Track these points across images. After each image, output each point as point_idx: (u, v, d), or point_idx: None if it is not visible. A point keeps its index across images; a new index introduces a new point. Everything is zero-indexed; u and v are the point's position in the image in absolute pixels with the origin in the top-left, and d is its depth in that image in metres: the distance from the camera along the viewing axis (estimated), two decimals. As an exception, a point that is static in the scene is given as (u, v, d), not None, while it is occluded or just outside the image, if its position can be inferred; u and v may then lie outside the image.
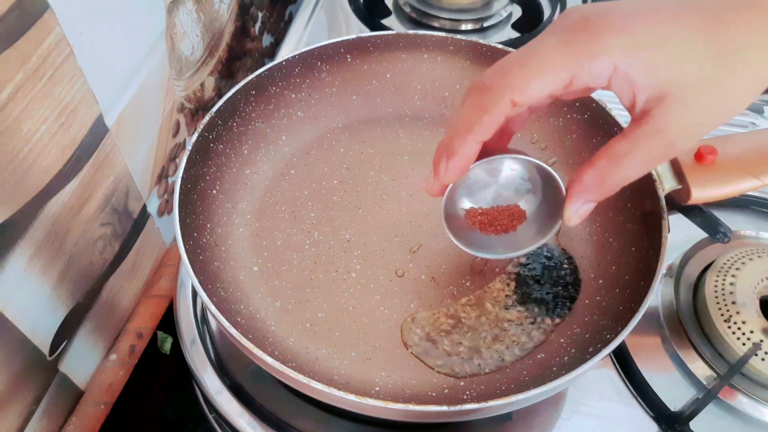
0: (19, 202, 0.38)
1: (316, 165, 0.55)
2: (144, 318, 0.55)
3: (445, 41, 0.57)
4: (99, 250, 0.48)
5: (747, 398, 0.46)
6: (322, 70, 0.56)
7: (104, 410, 0.49)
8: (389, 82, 0.58)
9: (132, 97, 0.48)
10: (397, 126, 0.58)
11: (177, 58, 0.55)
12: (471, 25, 0.78)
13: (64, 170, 0.42)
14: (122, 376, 0.51)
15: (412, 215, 0.51)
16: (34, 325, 0.42)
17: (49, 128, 0.39)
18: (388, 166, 0.55)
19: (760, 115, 0.68)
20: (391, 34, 0.57)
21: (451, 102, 0.58)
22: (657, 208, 0.44)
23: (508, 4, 0.80)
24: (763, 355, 0.45)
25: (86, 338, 0.49)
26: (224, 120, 0.50)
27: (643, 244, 0.45)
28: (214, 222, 0.48)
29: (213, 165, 0.49)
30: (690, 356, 0.48)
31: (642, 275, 0.42)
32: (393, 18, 0.80)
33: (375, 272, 0.48)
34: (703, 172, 0.46)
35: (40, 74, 0.37)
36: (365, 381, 0.42)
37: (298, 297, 0.46)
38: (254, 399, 0.46)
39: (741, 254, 0.50)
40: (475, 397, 0.39)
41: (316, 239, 0.50)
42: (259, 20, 0.74)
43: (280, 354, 0.42)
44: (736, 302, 0.47)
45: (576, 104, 0.53)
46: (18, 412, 0.42)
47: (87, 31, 0.41)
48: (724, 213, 0.54)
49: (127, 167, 0.49)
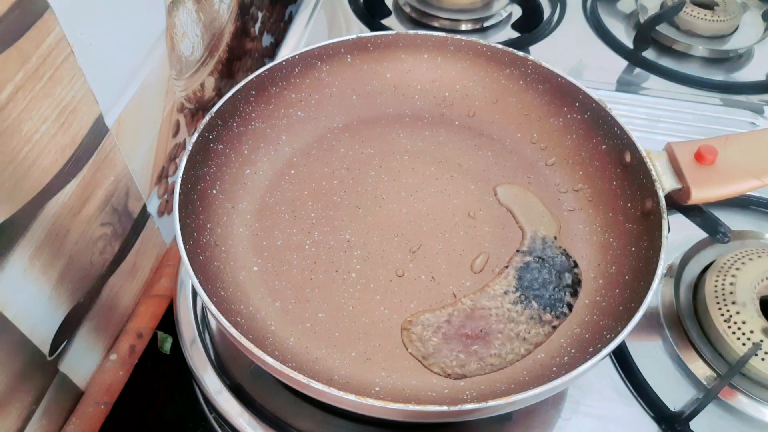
0: (19, 202, 0.38)
1: (316, 165, 0.55)
2: (144, 318, 0.55)
3: (445, 41, 0.57)
4: (99, 250, 0.48)
5: (747, 398, 0.46)
6: (322, 70, 0.56)
7: (104, 410, 0.49)
8: (389, 82, 0.58)
9: (132, 97, 0.48)
10: (397, 126, 0.58)
11: (177, 58, 0.55)
12: (471, 25, 0.78)
13: (64, 170, 0.42)
14: (122, 376, 0.51)
15: (412, 215, 0.51)
16: (34, 325, 0.42)
17: (49, 128, 0.39)
18: (388, 166, 0.55)
19: (760, 115, 0.69)
20: (391, 34, 0.57)
21: (451, 102, 0.58)
22: (657, 208, 0.44)
23: (508, 4, 0.80)
24: (763, 355, 0.45)
25: (86, 338, 0.49)
26: (224, 120, 0.50)
27: (643, 244, 0.45)
28: (214, 222, 0.48)
29: (213, 165, 0.49)
30: (690, 356, 0.48)
31: (642, 275, 0.43)
32: (393, 18, 0.80)
33: (375, 272, 0.48)
34: (703, 173, 0.46)
35: (40, 74, 0.37)
36: (365, 381, 0.42)
37: (298, 297, 0.46)
38: (254, 399, 0.46)
39: (741, 254, 0.50)
40: (475, 397, 0.39)
41: (316, 239, 0.50)
42: (259, 20, 0.74)
43: (280, 354, 0.42)
44: (736, 302, 0.47)
45: (576, 104, 0.53)
46: (18, 412, 0.42)
47: (87, 31, 0.41)
48: (724, 213, 0.54)
49: (127, 167, 0.49)
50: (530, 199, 0.53)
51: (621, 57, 0.75)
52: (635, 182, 0.47)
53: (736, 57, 0.76)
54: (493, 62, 0.56)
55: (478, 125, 0.58)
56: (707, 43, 0.75)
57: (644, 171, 0.46)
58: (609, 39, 0.77)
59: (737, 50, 0.76)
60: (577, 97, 0.52)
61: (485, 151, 0.56)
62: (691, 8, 0.76)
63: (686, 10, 0.76)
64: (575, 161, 0.53)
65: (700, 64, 0.75)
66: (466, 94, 0.58)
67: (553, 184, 0.54)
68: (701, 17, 0.75)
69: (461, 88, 0.58)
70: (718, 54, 0.75)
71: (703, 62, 0.75)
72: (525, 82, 0.56)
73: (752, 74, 0.74)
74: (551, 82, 0.54)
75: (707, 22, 0.75)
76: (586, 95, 0.51)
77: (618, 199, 0.49)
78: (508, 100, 0.57)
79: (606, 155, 0.51)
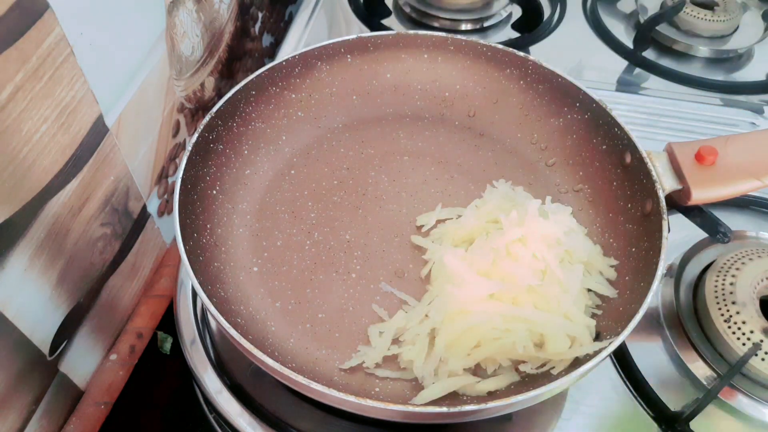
0: (19, 202, 0.38)
1: (316, 165, 0.55)
2: (144, 318, 0.55)
3: (445, 41, 0.57)
4: (99, 250, 0.48)
5: (747, 398, 0.46)
6: (322, 70, 0.56)
7: (104, 410, 0.49)
8: (389, 82, 0.58)
9: (132, 97, 0.48)
10: (397, 126, 0.58)
11: (177, 58, 0.55)
12: (471, 25, 0.78)
13: (64, 170, 0.42)
14: (122, 376, 0.51)
15: (412, 215, 0.51)
16: (34, 325, 0.42)
17: (49, 128, 0.39)
18: (388, 167, 0.55)
19: (760, 115, 0.69)
20: (391, 34, 0.57)
21: (452, 102, 0.58)
22: (657, 208, 0.44)
23: (508, 4, 0.80)
24: (763, 355, 0.45)
25: (86, 338, 0.49)
26: (224, 120, 0.50)
27: (643, 244, 0.45)
28: (214, 222, 0.48)
29: (213, 165, 0.49)
30: (690, 356, 0.48)
31: (642, 276, 0.43)
32: (393, 18, 0.80)
33: (375, 273, 0.48)
34: (704, 173, 0.46)
35: (40, 74, 0.37)
36: (365, 382, 0.42)
37: (298, 297, 0.46)
38: (254, 399, 0.46)
39: (741, 254, 0.50)
40: (475, 399, 0.39)
41: (316, 240, 0.50)
42: (259, 20, 0.74)
43: (280, 355, 0.42)
44: (736, 302, 0.47)
45: (576, 104, 0.53)
46: (18, 412, 0.42)
47: (87, 31, 0.41)
48: (724, 213, 0.54)
49: (127, 167, 0.49)
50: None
51: (621, 57, 0.75)
52: (635, 183, 0.47)
53: (736, 57, 0.76)
54: (493, 62, 0.56)
55: (479, 125, 0.58)
56: (707, 43, 0.75)
57: (644, 171, 0.46)
58: (609, 39, 0.77)
59: (737, 50, 0.76)
60: (578, 97, 0.52)
61: (485, 152, 0.56)
62: (691, 8, 0.76)
63: (686, 10, 0.76)
64: (575, 162, 0.53)
65: (700, 64, 0.75)
66: (466, 95, 0.58)
67: (553, 185, 0.53)
68: (701, 17, 0.75)
69: (461, 88, 0.58)
70: (718, 54, 0.75)
71: (703, 62, 0.75)
72: (525, 82, 0.56)
73: (752, 74, 0.74)
74: (551, 82, 0.54)
75: (707, 22, 0.75)
76: (587, 95, 0.51)
77: (618, 199, 0.49)
78: (509, 100, 0.57)
79: (606, 156, 0.51)
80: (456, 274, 0.42)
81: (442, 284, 0.43)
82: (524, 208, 0.45)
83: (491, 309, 0.40)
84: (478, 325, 0.40)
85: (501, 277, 0.42)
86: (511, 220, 0.44)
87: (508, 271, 0.42)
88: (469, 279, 0.42)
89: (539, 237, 0.43)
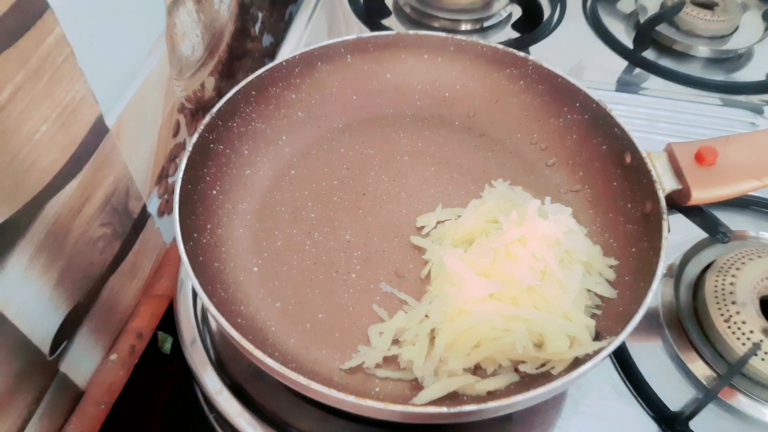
0: (19, 202, 0.38)
1: (316, 165, 0.55)
2: (144, 318, 0.55)
3: (446, 41, 0.57)
4: (99, 250, 0.48)
5: (747, 398, 0.46)
6: (322, 71, 0.56)
7: (104, 410, 0.49)
8: (389, 82, 0.58)
9: (132, 97, 0.48)
10: (397, 126, 0.58)
11: (177, 58, 0.55)
12: (471, 25, 0.78)
13: (64, 170, 0.42)
14: (122, 376, 0.51)
15: (412, 215, 0.51)
16: (34, 325, 0.42)
17: (49, 128, 0.39)
18: (388, 167, 0.55)
19: (760, 115, 0.69)
20: (391, 34, 0.57)
21: (452, 102, 0.58)
22: (657, 209, 0.44)
23: (508, 4, 0.80)
24: (763, 355, 0.45)
25: (86, 338, 0.49)
26: (224, 120, 0.50)
27: (643, 245, 0.45)
28: (215, 223, 0.48)
29: (213, 166, 0.49)
30: (690, 356, 0.48)
31: (642, 276, 0.42)
32: (393, 18, 0.80)
33: (375, 273, 0.48)
34: (704, 173, 0.46)
35: (40, 74, 0.37)
36: (365, 382, 0.42)
37: (298, 298, 0.46)
38: (254, 399, 0.46)
39: (741, 254, 0.50)
40: (474, 399, 0.39)
41: (316, 240, 0.50)
42: (259, 20, 0.74)
43: (280, 355, 0.42)
44: (736, 302, 0.47)
45: (576, 104, 0.53)
46: (18, 412, 0.42)
47: (87, 31, 0.41)
48: (724, 213, 0.54)
49: (127, 167, 0.49)
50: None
51: (621, 57, 0.75)
52: (635, 183, 0.47)
53: (736, 57, 0.76)
54: (493, 62, 0.56)
55: (479, 125, 0.58)
56: (707, 44, 0.75)
57: (644, 172, 0.46)
58: (609, 39, 0.77)
59: (737, 50, 0.76)
60: (578, 97, 0.52)
61: (485, 152, 0.56)
62: (691, 8, 0.76)
63: (686, 10, 0.76)
64: (575, 162, 0.53)
65: (700, 64, 0.75)
66: (466, 95, 0.58)
67: (553, 185, 0.53)
68: (701, 17, 0.75)
69: (461, 88, 0.58)
70: (718, 54, 0.75)
71: (703, 62, 0.75)
72: (525, 82, 0.56)
73: (752, 74, 0.74)
74: (551, 82, 0.54)
75: (707, 23, 0.75)
76: (587, 96, 0.51)
77: (618, 199, 0.49)
78: (509, 100, 0.57)
79: (606, 156, 0.51)
80: (456, 274, 0.42)
81: (441, 284, 0.43)
82: (524, 208, 0.45)
83: (491, 309, 0.40)
84: (477, 325, 0.40)
85: (501, 278, 0.42)
86: (510, 221, 0.44)
87: (508, 271, 0.42)
88: (468, 279, 0.42)
89: (539, 237, 0.43)
